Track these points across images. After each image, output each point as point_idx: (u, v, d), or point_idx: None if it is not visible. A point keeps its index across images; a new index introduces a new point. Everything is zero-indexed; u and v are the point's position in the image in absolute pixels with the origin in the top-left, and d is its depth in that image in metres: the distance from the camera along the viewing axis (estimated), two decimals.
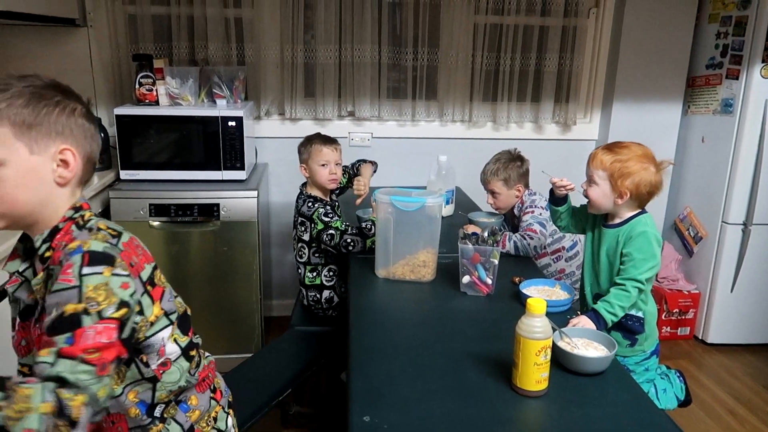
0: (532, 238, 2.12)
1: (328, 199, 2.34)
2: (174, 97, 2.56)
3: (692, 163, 3.15)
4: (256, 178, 2.73)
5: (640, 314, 1.71)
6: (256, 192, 2.53)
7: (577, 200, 1.89)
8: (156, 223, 2.50)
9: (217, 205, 2.50)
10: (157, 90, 2.53)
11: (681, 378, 1.89)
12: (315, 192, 2.28)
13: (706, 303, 3.07)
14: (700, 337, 3.13)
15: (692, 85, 3.12)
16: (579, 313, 1.69)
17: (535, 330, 1.25)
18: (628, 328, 1.71)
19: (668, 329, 3.12)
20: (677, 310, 3.10)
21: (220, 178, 2.59)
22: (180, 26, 2.81)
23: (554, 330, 1.35)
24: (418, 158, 3.17)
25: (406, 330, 1.60)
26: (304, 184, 2.32)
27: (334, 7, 2.88)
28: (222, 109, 2.57)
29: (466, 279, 1.80)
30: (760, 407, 2.57)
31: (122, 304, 0.96)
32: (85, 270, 0.93)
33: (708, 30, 3.00)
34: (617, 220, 1.72)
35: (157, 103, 2.56)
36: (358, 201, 2.33)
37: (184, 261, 2.57)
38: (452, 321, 1.65)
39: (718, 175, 2.94)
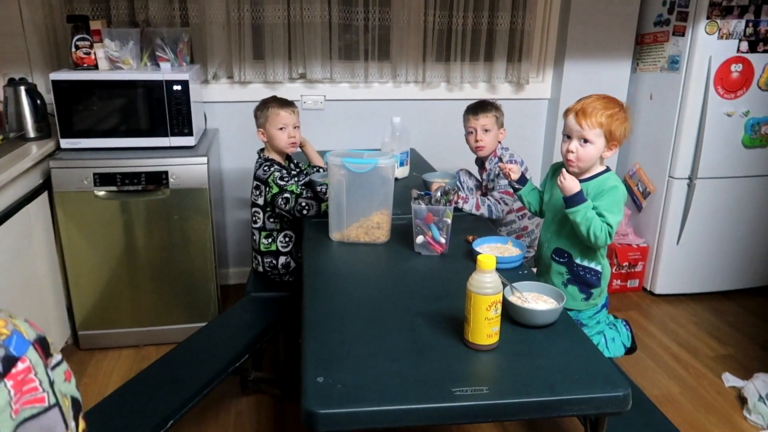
0: (506, 203, 2.15)
1: (286, 164, 2.31)
2: (114, 61, 2.44)
3: (641, 120, 3.21)
4: (206, 144, 2.66)
5: (598, 268, 1.76)
6: (205, 158, 2.46)
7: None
8: (101, 193, 2.41)
9: (166, 172, 2.43)
10: (95, 53, 2.41)
11: (627, 326, 1.96)
12: (273, 156, 2.24)
13: (654, 256, 3.18)
14: (648, 289, 3.25)
15: (641, 43, 3.16)
16: (535, 270, 1.73)
17: (485, 285, 1.27)
18: (586, 281, 1.76)
19: (618, 282, 3.23)
20: (627, 263, 3.20)
21: (168, 145, 2.51)
22: None
23: (505, 285, 1.38)
24: (372, 120, 3.14)
25: (361, 292, 1.60)
26: (263, 149, 2.28)
27: None
28: (166, 72, 2.47)
29: (420, 239, 1.81)
30: (702, 351, 2.70)
31: None
32: None
33: None
34: (586, 175, 1.74)
35: (96, 67, 2.44)
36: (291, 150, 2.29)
37: (133, 231, 2.50)
38: (406, 281, 1.66)
39: (666, 132, 3.02)
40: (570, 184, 1.63)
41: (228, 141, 3.06)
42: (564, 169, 1.68)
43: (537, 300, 1.46)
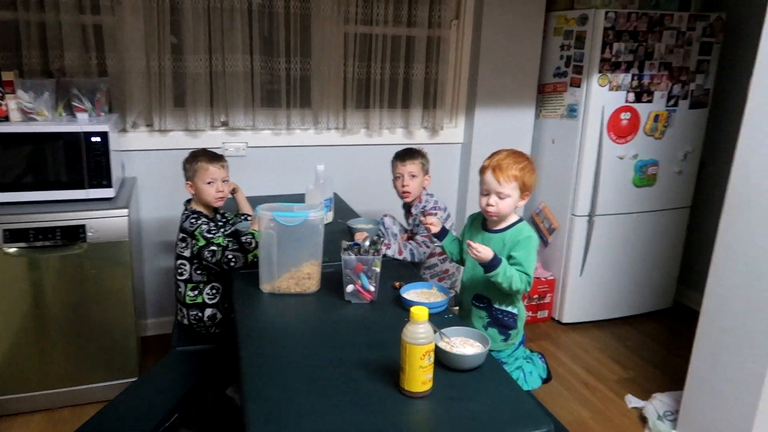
0: (428, 246, 2.25)
1: (212, 215, 2.31)
2: (27, 112, 2.36)
3: (545, 162, 3.48)
4: (125, 194, 2.60)
5: (515, 311, 1.90)
6: (126, 210, 2.41)
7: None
8: (12, 250, 2.30)
9: (83, 226, 2.35)
10: (7, 104, 2.32)
11: (543, 359, 2.11)
12: (200, 208, 2.24)
13: (560, 287, 3.42)
14: (556, 318, 3.48)
15: (542, 92, 3.44)
16: (456, 309, 1.84)
17: (419, 336, 1.35)
18: (504, 324, 1.89)
19: (529, 313, 3.44)
20: (537, 295, 3.43)
21: (85, 197, 2.43)
22: (30, 33, 2.58)
23: (435, 332, 1.47)
24: (295, 166, 3.20)
25: (297, 343, 1.64)
26: (189, 200, 2.27)
27: (202, 15, 2.80)
28: (84, 123, 2.41)
29: (350, 288, 1.88)
30: (607, 376, 2.93)
31: None
32: None
33: (554, 42, 3.33)
34: (502, 225, 1.88)
35: (7, 118, 2.34)
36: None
37: (45, 288, 2.38)
38: (340, 330, 1.72)
39: (567, 173, 3.29)
40: (485, 253, 1.75)
41: (147, 189, 3.00)
42: (471, 243, 1.76)
43: (464, 344, 1.56)
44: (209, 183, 2.20)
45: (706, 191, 3.57)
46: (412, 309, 1.36)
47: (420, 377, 1.37)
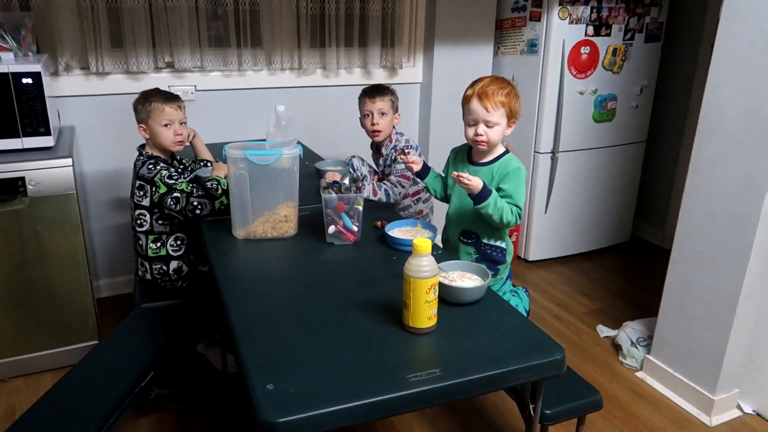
0: (404, 186, 2.15)
1: (171, 162, 2.13)
2: None
3: None
4: (66, 143, 2.36)
5: (503, 245, 1.84)
6: (70, 159, 2.18)
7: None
8: None
9: (22, 179, 2.12)
10: None
11: (527, 293, 2.09)
12: (156, 153, 2.05)
13: (525, 226, 3.43)
14: (522, 257, 3.51)
15: (500, 28, 3.35)
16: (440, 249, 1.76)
17: (423, 269, 1.27)
18: (492, 258, 1.84)
19: None
20: None
21: (21, 147, 2.18)
22: None
23: None
24: (248, 111, 3.01)
25: (283, 290, 1.53)
26: (143, 146, 2.07)
27: None
28: (11, 63, 2.14)
29: (332, 229, 1.77)
30: (577, 309, 2.98)
31: None
32: None
33: None
34: (489, 158, 1.80)
35: None
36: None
37: None
38: (327, 273, 1.62)
39: (529, 111, 3.25)
40: (475, 183, 1.66)
41: (87, 139, 2.74)
42: (460, 174, 1.67)
43: (462, 278, 1.50)
44: (166, 125, 2.01)
45: (659, 125, 3.63)
46: (416, 241, 1.27)
47: (426, 312, 1.29)
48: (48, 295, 2.29)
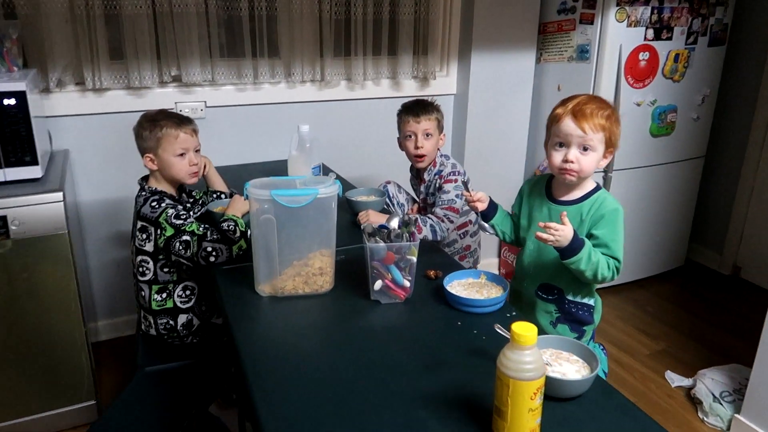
0: (452, 221, 1.81)
1: (179, 196, 1.79)
2: None
3: (548, 113, 3.05)
4: (57, 173, 2.03)
5: (591, 302, 1.49)
6: (60, 194, 1.85)
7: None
8: None
9: (3, 218, 1.79)
10: None
11: (605, 351, 1.75)
12: (161, 186, 1.72)
13: None
14: None
15: (544, 32, 3.01)
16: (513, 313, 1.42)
17: (527, 367, 0.93)
18: (578, 318, 1.49)
19: None
20: None
21: (3, 179, 1.86)
22: None
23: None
24: (264, 129, 2.68)
25: (322, 364, 1.19)
26: (146, 177, 1.74)
27: None
28: None
29: (378, 285, 1.42)
30: (638, 350, 2.61)
31: None
32: None
33: None
34: (577, 194, 1.46)
35: None
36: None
37: None
38: (377, 345, 1.27)
39: None
40: (564, 234, 1.31)
41: (83, 165, 2.41)
42: (550, 225, 1.31)
43: (558, 359, 1.15)
44: (181, 155, 1.68)
45: (719, 138, 3.28)
46: (515, 328, 0.93)
47: (528, 423, 0.94)
48: (37, 350, 1.95)
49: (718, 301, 3.08)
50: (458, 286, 1.46)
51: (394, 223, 1.48)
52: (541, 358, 0.95)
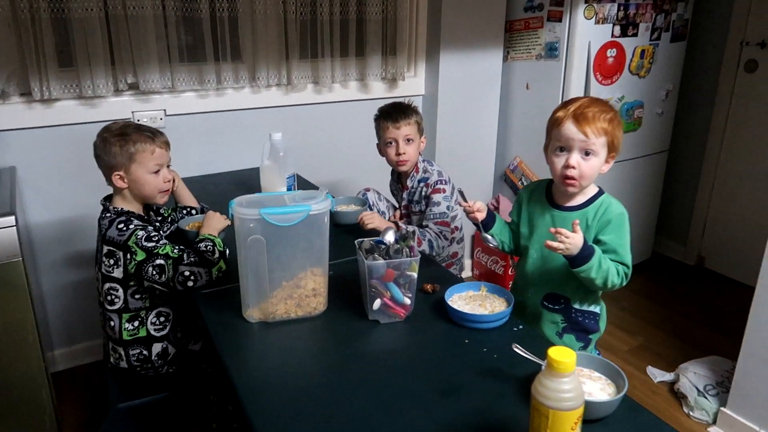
0: (446, 238, 1.73)
1: (146, 215, 1.65)
2: None
3: (517, 112, 3.05)
4: (4, 193, 1.85)
5: (597, 309, 1.45)
6: (12, 218, 1.67)
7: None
8: None
9: None
10: None
11: (599, 356, 1.71)
12: (128, 205, 1.57)
13: None
14: None
15: (510, 30, 2.97)
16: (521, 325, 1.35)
17: (566, 395, 0.86)
18: (584, 327, 1.44)
19: None
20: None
21: None
22: None
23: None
24: (229, 137, 2.55)
25: (323, 393, 1.10)
26: (109, 197, 1.59)
27: None
28: None
29: (377, 304, 1.34)
30: (617, 346, 2.61)
31: None
32: None
33: None
34: (580, 199, 1.40)
35: None
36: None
37: None
38: (380, 368, 1.19)
39: (545, 122, 2.87)
40: (577, 240, 1.26)
41: (32, 183, 2.21)
42: (561, 231, 1.25)
43: (580, 377, 1.09)
44: (156, 172, 1.54)
45: (680, 133, 3.33)
46: (552, 354, 0.86)
47: None
48: None
49: (685, 291, 3.14)
50: (459, 300, 1.39)
51: (389, 237, 1.39)
52: (580, 385, 0.88)
